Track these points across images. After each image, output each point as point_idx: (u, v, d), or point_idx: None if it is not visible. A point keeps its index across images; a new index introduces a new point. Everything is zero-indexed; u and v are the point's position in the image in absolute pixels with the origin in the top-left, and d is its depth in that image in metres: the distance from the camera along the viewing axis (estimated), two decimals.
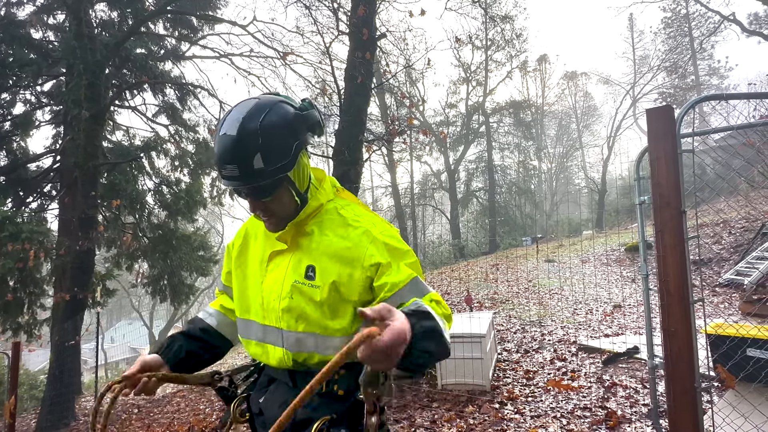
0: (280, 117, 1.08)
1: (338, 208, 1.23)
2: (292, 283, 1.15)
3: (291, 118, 1.10)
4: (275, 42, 9.81)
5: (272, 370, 1.25)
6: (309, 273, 1.15)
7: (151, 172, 11.30)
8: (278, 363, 1.19)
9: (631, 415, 3.62)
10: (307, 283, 1.14)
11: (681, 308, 1.97)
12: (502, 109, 27.68)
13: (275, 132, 1.07)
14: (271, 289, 1.18)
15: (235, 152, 1.05)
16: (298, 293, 1.14)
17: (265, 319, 1.19)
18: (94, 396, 7.13)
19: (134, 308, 29.82)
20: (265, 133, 1.05)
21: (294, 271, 1.16)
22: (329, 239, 1.16)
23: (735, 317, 6.15)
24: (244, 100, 1.13)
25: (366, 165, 11.43)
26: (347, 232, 1.16)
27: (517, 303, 8.95)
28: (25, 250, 7.36)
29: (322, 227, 1.19)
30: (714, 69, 30.25)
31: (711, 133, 2.55)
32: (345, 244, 1.14)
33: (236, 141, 1.04)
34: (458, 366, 4.49)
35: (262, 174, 1.06)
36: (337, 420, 1.11)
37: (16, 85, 9.99)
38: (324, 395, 1.16)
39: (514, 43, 25.81)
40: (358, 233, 1.15)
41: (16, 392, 4.36)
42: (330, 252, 1.15)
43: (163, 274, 10.75)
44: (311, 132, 1.16)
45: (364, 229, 1.16)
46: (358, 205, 1.28)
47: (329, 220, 1.20)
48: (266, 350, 1.21)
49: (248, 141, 1.04)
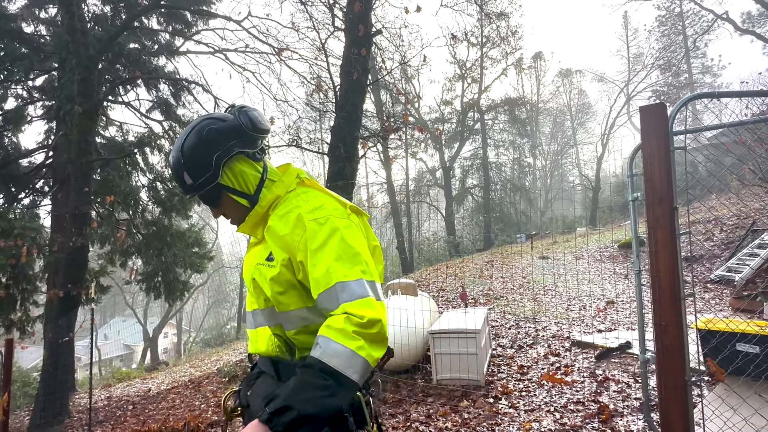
0: (197, 138, 1.23)
1: (293, 196, 1.29)
2: (255, 265, 1.27)
3: (207, 136, 1.23)
4: (270, 38, 9.80)
5: (261, 362, 1.33)
6: (270, 256, 1.23)
7: (145, 168, 11.21)
8: (266, 346, 1.27)
9: (623, 408, 3.67)
10: (265, 263, 1.23)
11: (672, 303, 2.01)
12: (497, 106, 27.72)
13: (193, 152, 1.23)
14: (246, 276, 1.33)
15: (173, 173, 1.28)
16: (258, 273, 1.24)
17: (252, 303, 1.31)
18: (88, 393, 7.09)
19: (128, 305, 29.65)
20: (186, 155, 1.24)
21: (260, 256, 1.27)
22: (272, 225, 1.25)
23: (726, 313, 6.24)
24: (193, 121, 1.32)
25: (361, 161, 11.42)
26: (286, 217, 1.23)
27: (511, 299, 9.01)
28: (17, 246, 7.30)
29: (278, 217, 1.26)
30: (707, 67, 30.50)
31: (704, 131, 2.58)
32: (284, 229, 1.21)
33: (172, 164, 1.27)
34: (453, 361, 4.52)
35: (193, 188, 1.25)
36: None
37: (7, 79, 9.86)
38: None
39: (510, 40, 25.85)
40: (293, 218, 1.21)
41: (9, 389, 4.34)
42: (276, 237, 1.22)
43: (158, 271, 10.69)
44: (240, 138, 1.25)
45: (297, 215, 1.20)
46: (317, 190, 1.31)
47: (279, 208, 1.28)
48: (257, 335, 1.32)
49: (177, 164, 1.25)
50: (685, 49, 28.47)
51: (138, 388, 10.25)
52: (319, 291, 1.10)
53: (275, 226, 1.23)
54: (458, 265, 14.73)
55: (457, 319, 4.98)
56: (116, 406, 8.36)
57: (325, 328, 1.04)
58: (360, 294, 1.07)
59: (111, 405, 8.57)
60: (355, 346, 1.01)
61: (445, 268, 14.38)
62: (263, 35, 9.68)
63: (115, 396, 9.63)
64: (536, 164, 34.41)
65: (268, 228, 1.25)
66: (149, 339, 26.37)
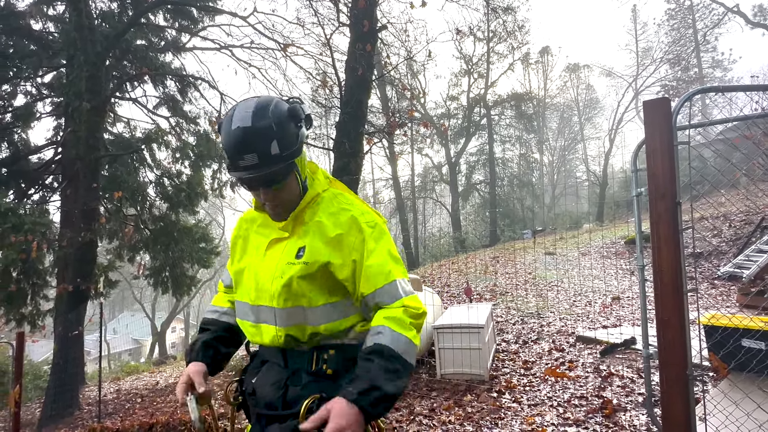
0: (284, 109, 1.17)
1: (332, 197, 1.31)
2: (285, 263, 1.23)
3: (291, 110, 1.19)
4: (276, 33, 9.77)
5: (265, 351, 1.31)
6: (299, 253, 1.23)
7: (152, 164, 11.30)
8: (271, 341, 1.25)
9: (627, 403, 3.68)
10: (296, 261, 1.22)
11: (674, 298, 2.01)
12: (503, 101, 27.54)
13: (284, 121, 1.16)
14: (266, 272, 1.25)
15: (253, 141, 1.12)
16: (288, 272, 1.21)
17: (258, 299, 1.25)
18: (97, 386, 7.21)
19: (136, 300, 29.95)
20: (277, 122, 1.14)
21: (288, 254, 1.24)
22: (323, 223, 1.24)
23: (733, 309, 6.20)
24: (244, 100, 1.20)
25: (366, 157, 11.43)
26: (337, 218, 1.25)
27: (516, 295, 9.01)
28: (27, 241, 7.40)
29: (317, 213, 1.27)
30: (717, 61, 30.03)
31: (707, 125, 2.56)
32: (336, 230, 1.23)
33: (253, 131, 1.12)
34: (457, 356, 4.54)
35: (278, 159, 1.14)
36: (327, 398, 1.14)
37: (16, 76, 9.96)
38: (313, 374, 1.22)
39: (516, 34, 25.60)
40: (347, 219, 1.24)
41: (20, 382, 4.42)
42: (322, 234, 1.23)
43: (165, 266, 10.79)
44: (307, 123, 1.24)
45: (352, 216, 1.24)
46: (349, 194, 1.36)
47: (324, 207, 1.28)
48: (260, 330, 1.27)
49: (264, 129, 1.12)
50: (695, 43, 28.08)
51: (146, 382, 10.40)
52: (377, 287, 1.19)
53: (327, 223, 1.23)
54: (463, 260, 14.73)
55: (461, 314, 5.00)
56: (125, 398, 8.49)
57: (385, 320, 1.15)
58: (410, 290, 1.24)
59: (120, 398, 8.70)
60: (411, 335, 1.16)
61: (450, 264, 14.38)
62: (269, 31, 9.66)
63: (123, 389, 9.77)
64: (543, 160, 34.20)
65: (318, 223, 1.24)
66: (157, 333, 26.66)
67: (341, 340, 1.25)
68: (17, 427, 4.23)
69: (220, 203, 26.44)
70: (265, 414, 1.23)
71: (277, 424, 1.19)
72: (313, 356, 1.23)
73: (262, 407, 1.24)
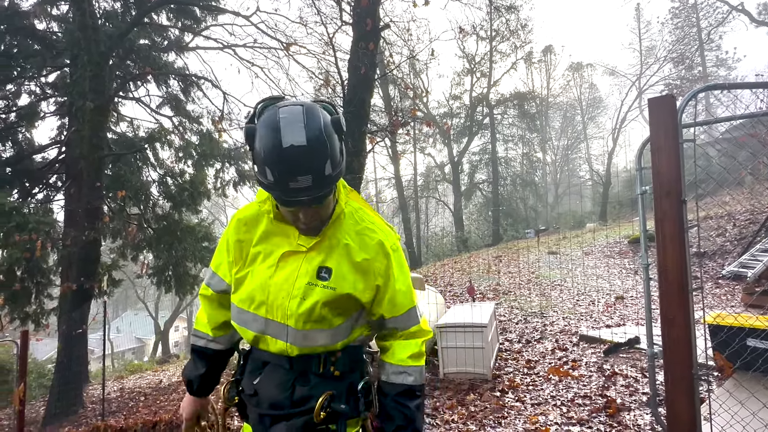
0: (330, 122, 1.06)
1: (353, 212, 1.25)
2: (305, 283, 1.17)
3: (336, 122, 1.07)
4: (278, 33, 9.79)
5: (267, 355, 1.25)
6: (322, 273, 1.18)
7: (156, 164, 11.32)
8: (279, 352, 1.21)
9: (631, 403, 3.66)
10: (320, 284, 1.17)
11: (679, 296, 2.00)
12: (506, 100, 27.48)
13: (333, 137, 1.05)
14: (280, 287, 1.18)
15: (310, 162, 1.00)
16: (311, 294, 1.16)
17: (268, 313, 1.19)
18: (101, 384, 7.24)
19: (140, 299, 30.06)
20: (329, 139, 1.03)
21: (306, 272, 1.18)
22: (350, 246, 1.21)
23: (737, 308, 6.17)
24: (286, 105, 1.05)
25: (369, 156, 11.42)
26: (364, 241, 1.23)
27: (519, 294, 8.99)
28: (32, 240, 7.42)
29: (340, 231, 1.22)
30: (722, 60, 29.86)
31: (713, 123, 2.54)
32: (363, 254, 1.21)
33: (309, 151, 0.99)
34: (460, 355, 4.54)
35: (331, 180, 1.05)
36: (337, 396, 1.17)
37: (20, 76, 9.99)
38: (321, 375, 1.21)
39: (519, 33, 25.54)
40: (375, 244, 1.23)
41: (25, 380, 4.43)
42: (349, 257, 1.20)
43: (168, 265, 10.81)
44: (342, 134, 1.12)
45: (379, 241, 1.24)
46: (366, 208, 1.31)
47: (346, 225, 1.22)
48: (266, 340, 1.23)
49: (319, 149, 1.01)
50: (699, 42, 27.95)
51: (149, 380, 10.43)
52: (400, 312, 1.27)
53: (353, 246, 1.20)
54: (466, 260, 14.71)
55: (464, 313, 4.99)
56: (128, 397, 8.52)
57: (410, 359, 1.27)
58: (421, 312, 1.35)
59: (123, 396, 8.73)
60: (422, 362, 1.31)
61: (453, 263, 14.37)
62: (271, 30, 9.67)
63: (127, 387, 9.81)
64: (546, 159, 34.12)
65: (346, 246, 1.19)
66: (160, 332, 26.74)
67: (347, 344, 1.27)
68: (22, 425, 4.25)
69: (222, 202, 26.47)
70: (269, 414, 1.22)
71: (283, 423, 1.19)
72: (321, 359, 1.22)
73: (266, 408, 1.22)
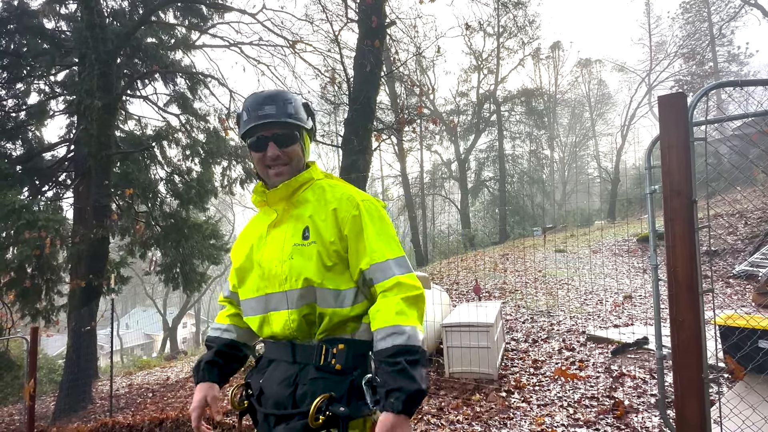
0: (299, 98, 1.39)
1: (327, 183, 1.38)
2: (292, 245, 1.25)
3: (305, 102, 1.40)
4: (284, 30, 9.78)
5: (273, 348, 1.30)
6: (305, 234, 1.26)
7: (163, 162, 11.41)
8: (283, 329, 1.24)
9: (639, 405, 3.62)
10: (304, 243, 1.25)
11: (689, 298, 1.95)
12: (513, 97, 27.27)
13: (298, 101, 1.36)
14: (271, 257, 1.27)
15: (275, 97, 1.31)
16: (298, 254, 1.24)
17: (266, 288, 1.26)
18: (110, 380, 7.31)
19: (148, 295, 30.34)
20: (295, 99, 1.35)
21: (293, 236, 1.27)
22: (320, 202, 1.30)
23: (748, 309, 6.07)
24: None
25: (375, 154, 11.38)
26: (334, 194, 1.31)
27: (526, 293, 8.93)
28: (41, 237, 7.51)
29: (314, 195, 1.33)
30: (733, 55, 29.36)
31: (725, 121, 2.49)
32: (333, 205, 1.28)
33: (274, 92, 1.34)
34: (465, 355, 4.51)
35: (292, 117, 1.30)
36: (336, 399, 1.14)
37: (30, 75, 10.10)
38: (321, 369, 1.20)
39: (527, 29, 25.31)
40: (344, 196, 1.29)
41: (35, 376, 4.48)
42: (322, 213, 1.28)
43: (176, 262, 10.90)
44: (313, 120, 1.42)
45: (349, 194, 1.31)
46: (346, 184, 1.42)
47: (320, 190, 1.34)
48: (270, 320, 1.27)
49: (283, 95, 1.34)
50: (711, 37, 27.53)
51: (157, 377, 10.53)
52: (373, 261, 1.21)
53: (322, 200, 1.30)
54: (472, 258, 14.64)
55: (470, 312, 4.96)
56: (137, 393, 8.60)
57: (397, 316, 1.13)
58: (408, 268, 1.25)
59: (132, 392, 8.82)
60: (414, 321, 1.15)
61: (459, 262, 14.31)
62: (278, 28, 9.67)
63: (135, 383, 9.90)
64: (554, 156, 33.83)
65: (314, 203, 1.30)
66: (168, 329, 26.99)
67: (351, 335, 1.23)
68: (32, 420, 4.30)
69: (229, 200, 26.61)
70: (273, 414, 1.21)
71: (284, 425, 1.18)
72: (322, 350, 1.21)
73: (270, 407, 1.22)
